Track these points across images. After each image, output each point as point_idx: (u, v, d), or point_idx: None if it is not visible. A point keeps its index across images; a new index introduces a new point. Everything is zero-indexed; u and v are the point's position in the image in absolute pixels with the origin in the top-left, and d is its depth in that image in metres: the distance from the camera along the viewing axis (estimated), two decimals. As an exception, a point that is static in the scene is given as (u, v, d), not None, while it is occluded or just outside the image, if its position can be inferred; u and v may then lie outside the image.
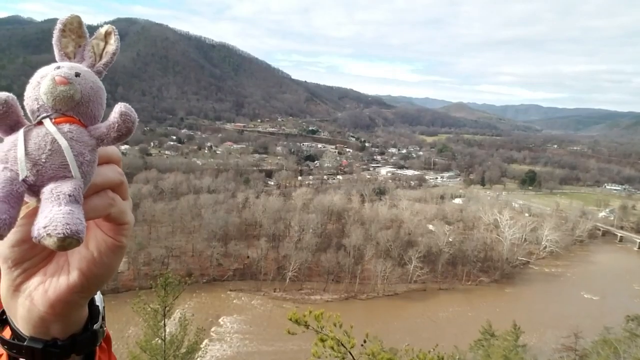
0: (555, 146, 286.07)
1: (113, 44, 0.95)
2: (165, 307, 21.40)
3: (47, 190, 0.77)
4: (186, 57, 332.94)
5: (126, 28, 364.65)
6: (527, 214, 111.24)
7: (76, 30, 0.93)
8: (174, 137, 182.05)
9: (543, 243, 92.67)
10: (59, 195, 0.76)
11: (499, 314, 59.96)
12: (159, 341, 21.38)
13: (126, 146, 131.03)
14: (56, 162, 0.78)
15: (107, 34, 0.96)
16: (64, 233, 0.70)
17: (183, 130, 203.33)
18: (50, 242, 0.70)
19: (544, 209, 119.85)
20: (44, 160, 0.78)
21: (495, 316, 50.89)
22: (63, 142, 0.78)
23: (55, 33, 0.92)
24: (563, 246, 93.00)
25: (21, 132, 0.80)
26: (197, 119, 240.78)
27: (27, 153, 0.78)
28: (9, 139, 0.81)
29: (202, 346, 26.11)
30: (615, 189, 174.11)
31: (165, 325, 21.70)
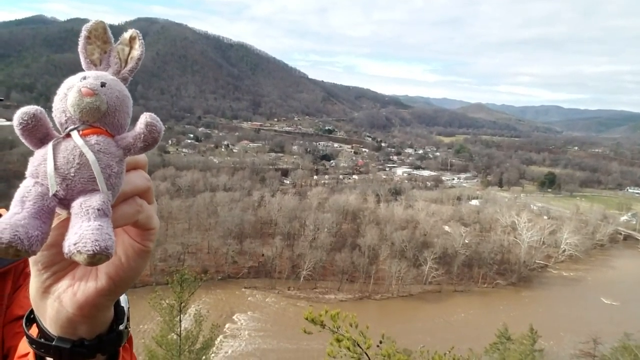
0: (576, 148, 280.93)
1: (138, 49, 0.94)
2: (181, 303, 21.57)
3: (76, 205, 0.78)
4: (204, 57, 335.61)
5: (146, 28, 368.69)
6: (545, 217, 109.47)
7: (101, 36, 0.93)
8: (192, 136, 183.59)
9: (562, 246, 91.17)
10: (87, 210, 0.76)
11: (516, 317, 59.18)
12: (175, 336, 21.57)
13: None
14: (85, 176, 0.79)
15: (131, 39, 0.95)
16: (93, 250, 0.71)
17: (200, 129, 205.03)
18: (80, 259, 0.72)
19: (564, 212, 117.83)
20: (72, 174, 0.78)
21: (511, 319, 50.27)
22: (90, 156, 0.79)
23: (81, 41, 0.92)
24: (583, 250, 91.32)
25: (50, 146, 0.80)
26: (215, 117, 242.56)
27: (56, 167, 0.79)
28: (39, 153, 0.82)
29: (216, 342, 26.26)
30: (637, 193, 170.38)
31: (180, 320, 21.88)
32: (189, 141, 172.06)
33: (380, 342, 9.17)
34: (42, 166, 0.79)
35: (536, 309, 68.54)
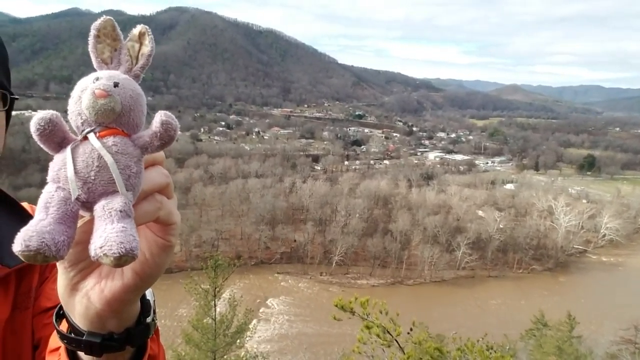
0: (618, 129, 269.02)
1: (148, 45, 0.93)
2: (216, 288, 22.03)
3: (99, 208, 0.79)
4: (234, 44, 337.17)
5: (177, 17, 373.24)
6: (584, 201, 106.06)
7: (110, 34, 0.91)
8: (223, 123, 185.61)
9: (602, 231, 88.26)
10: (110, 212, 0.77)
11: (553, 303, 57.98)
12: (210, 320, 22.10)
13: (178, 132, 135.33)
14: (105, 178, 0.80)
15: (141, 35, 0.93)
16: (119, 252, 0.73)
17: (232, 116, 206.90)
18: (107, 261, 0.73)
19: (604, 196, 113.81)
20: (93, 178, 0.79)
21: (548, 305, 49.26)
22: (109, 158, 0.79)
23: (90, 40, 0.91)
24: (624, 235, 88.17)
25: (69, 150, 0.81)
26: (245, 104, 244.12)
27: (76, 172, 0.79)
28: (58, 157, 0.83)
29: (250, 326, 26.78)
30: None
31: (215, 305, 22.38)
32: (221, 129, 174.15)
33: (411, 329, 9.14)
34: (62, 171, 0.81)
35: (574, 294, 66.90)
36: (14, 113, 1.49)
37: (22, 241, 0.72)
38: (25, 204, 1.50)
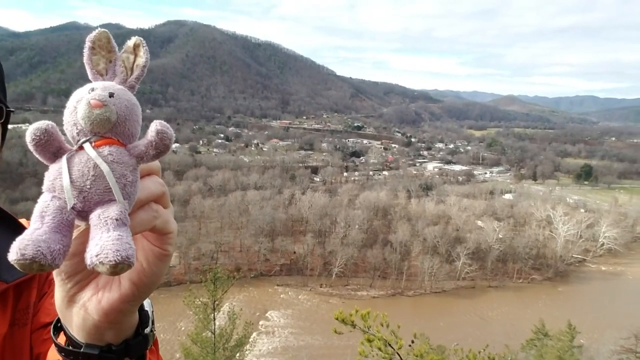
0: (614, 139, 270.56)
1: (142, 56, 0.94)
2: (215, 301, 22.04)
3: (95, 216, 0.79)
4: (233, 57, 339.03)
5: (176, 30, 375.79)
6: (582, 210, 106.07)
7: (105, 46, 0.93)
8: (222, 135, 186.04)
9: (600, 240, 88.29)
10: (106, 220, 0.77)
11: (553, 312, 57.75)
12: (209, 334, 22.04)
13: (176, 144, 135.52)
14: (100, 187, 0.80)
15: (135, 47, 0.94)
16: (115, 260, 0.72)
17: (230, 129, 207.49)
18: (103, 270, 0.73)
19: (602, 205, 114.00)
20: (88, 187, 0.80)
21: (548, 315, 49.07)
22: (104, 167, 0.80)
23: (86, 52, 0.92)
24: (622, 243, 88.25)
25: (64, 159, 0.82)
26: (244, 117, 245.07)
27: (72, 181, 0.80)
28: (54, 167, 0.83)
29: (250, 339, 26.63)
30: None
31: (214, 318, 22.34)
32: (220, 141, 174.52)
33: (412, 342, 9.16)
34: (58, 180, 0.81)
35: (574, 304, 66.73)
36: (10, 126, 1.48)
37: (17, 250, 0.72)
38: (23, 220, 1.51)
